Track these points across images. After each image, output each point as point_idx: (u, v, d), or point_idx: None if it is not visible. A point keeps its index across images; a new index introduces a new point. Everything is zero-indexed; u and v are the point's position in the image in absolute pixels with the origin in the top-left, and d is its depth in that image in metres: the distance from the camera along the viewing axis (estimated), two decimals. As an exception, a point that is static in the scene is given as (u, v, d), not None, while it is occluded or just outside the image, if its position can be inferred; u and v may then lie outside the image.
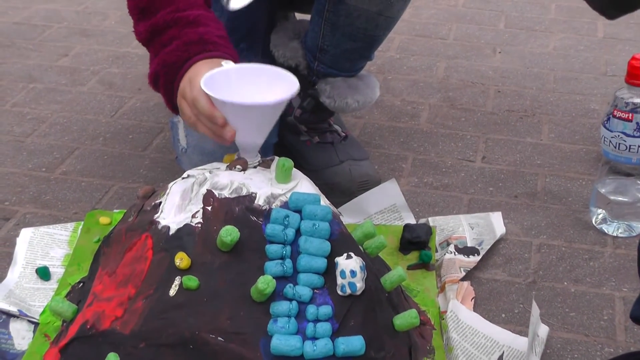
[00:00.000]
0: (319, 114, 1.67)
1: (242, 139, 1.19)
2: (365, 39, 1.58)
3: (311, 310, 1.07)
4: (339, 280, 1.09)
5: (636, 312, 1.08)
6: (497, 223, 1.52)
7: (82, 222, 1.50)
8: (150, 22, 1.31)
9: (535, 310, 1.19)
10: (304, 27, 1.65)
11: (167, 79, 1.28)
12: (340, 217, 1.22)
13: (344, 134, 1.69)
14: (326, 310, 1.07)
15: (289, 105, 1.64)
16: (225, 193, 1.15)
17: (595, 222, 1.54)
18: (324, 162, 1.65)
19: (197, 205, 1.15)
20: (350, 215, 1.54)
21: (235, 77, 1.21)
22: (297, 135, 1.69)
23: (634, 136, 1.52)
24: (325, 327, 1.06)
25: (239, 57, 1.31)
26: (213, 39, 1.26)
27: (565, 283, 1.41)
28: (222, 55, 1.25)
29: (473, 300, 1.35)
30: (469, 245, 1.46)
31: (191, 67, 1.23)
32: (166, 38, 1.28)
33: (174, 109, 1.29)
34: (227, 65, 1.22)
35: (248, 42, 1.59)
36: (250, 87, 1.21)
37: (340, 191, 1.59)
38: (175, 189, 1.20)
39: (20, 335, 1.27)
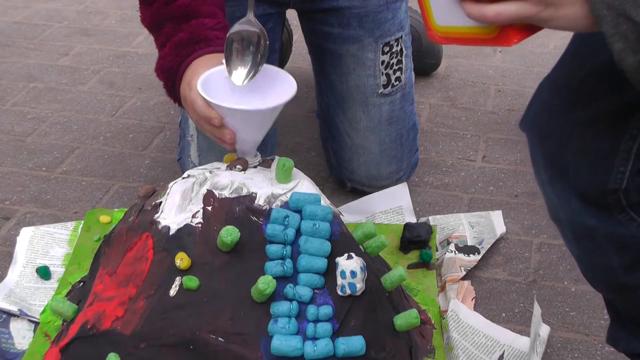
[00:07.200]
0: None
1: (239, 141, 1.19)
2: None
3: (311, 310, 1.07)
4: (339, 281, 1.09)
5: (610, 341, 1.09)
6: (497, 222, 1.52)
7: (83, 221, 1.50)
8: (148, 14, 1.32)
9: (537, 310, 1.19)
10: None
11: (167, 84, 1.30)
12: (341, 216, 1.22)
13: None
14: (326, 310, 1.07)
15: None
16: (226, 193, 1.15)
17: (596, 222, 1.54)
18: None
19: (198, 205, 1.15)
20: (355, 213, 1.54)
21: None
22: None
23: (634, 135, 1.52)
24: (325, 328, 1.06)
25: None
26: (204, 35, 1.27)
27: (566, 282, 1.41)
28: (214, 50, 1.25)
29: (473, 299, 1.35)
30: (469, 244, 1.46)
31: (188, 67, 1.23)
32: (163, 36, 1.30)
33: (182, 106, 1.30)
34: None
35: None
36: (248, 86, 1.20)
37: None
38: (176, 189, 1.20)
39: (21, 335, 1.27)
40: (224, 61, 1.22)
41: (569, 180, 0.91)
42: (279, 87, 1.19)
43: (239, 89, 1.20)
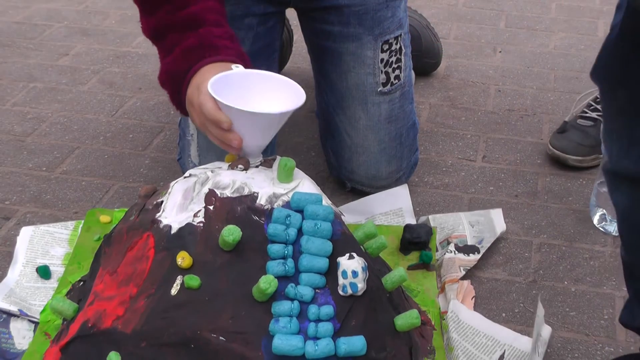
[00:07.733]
0: None
1: (244, 146, 1.19)
2: None
3: (313, 310, 1.07)
4: (341, 281, 1.09)
5: (625, 318, 1.09)
6: (497, 220, 1.52)
7: (83, 221, 1.50)
8: (151, 23, 1.31)
9: (540, 311, 1.19)
10: None
11: (173, 89, 1.29)
12: (342, 217, 1.22)
13: None
14: (328, 310, 1.07)
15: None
16: (227, 192, 1.15)
17: (596, 222, 1.54)
18: None
19: (199, 205, 1.15)
20: (355, 214, 1.54)
21: (243, 82, 1.21)
22: None
23: (634, 135, 1.52)
24: (326, 327, 1.06)
25: (242, 51, 1.30)
26: (212, 42, 1.26)
27: (566, 282, 1.41)
28: (223, 59, 1.25)
29: (473, 299, 1.35)
30: (469, 243, 1.45)
31: (196, 73, 1.23)
32: (168, 43, 1.29)
33: (185, 114, 1.30)
34: (237, 69, 1.22)
35: (266, 64, 1.58)
36: (257, 93, 1.21)
37: None
38: (177, 188, 1.20)
39: (21, 335, 1.27)
40: (233, 67, 1.22)
41: (637, 127, 0.92)
42: (287, 96, 1.20)
43: (247, 95, 1.20)
